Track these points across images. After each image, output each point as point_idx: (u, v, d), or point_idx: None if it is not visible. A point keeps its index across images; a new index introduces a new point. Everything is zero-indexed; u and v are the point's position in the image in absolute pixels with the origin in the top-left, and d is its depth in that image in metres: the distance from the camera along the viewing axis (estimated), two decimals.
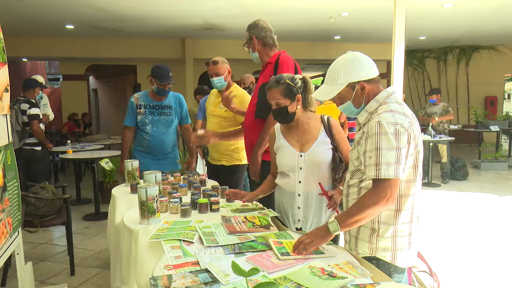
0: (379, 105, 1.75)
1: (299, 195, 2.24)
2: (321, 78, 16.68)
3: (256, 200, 2.42)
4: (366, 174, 1.67)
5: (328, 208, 2.20)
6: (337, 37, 10.30)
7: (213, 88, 4.45)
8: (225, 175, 3.36)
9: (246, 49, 3.02)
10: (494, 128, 8.90)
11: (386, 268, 1.71)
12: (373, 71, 1.77)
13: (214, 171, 3.49)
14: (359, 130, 1.81)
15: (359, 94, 1.77)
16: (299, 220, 2.26)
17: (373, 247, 1.75)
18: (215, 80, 3.34)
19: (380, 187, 1.61)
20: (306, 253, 1.63)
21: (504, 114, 10.86)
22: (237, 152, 3.41)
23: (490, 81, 12.24)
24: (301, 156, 2.22)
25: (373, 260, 1.72)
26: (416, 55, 12.43)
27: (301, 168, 2.22)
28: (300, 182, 2.22)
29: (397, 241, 1.73)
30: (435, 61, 12.54)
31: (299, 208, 2.25)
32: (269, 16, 7.69)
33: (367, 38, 10.14)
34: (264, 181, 2.50)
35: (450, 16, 7.95)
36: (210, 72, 3.36)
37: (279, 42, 2.99)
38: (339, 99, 1.83)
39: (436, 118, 7.29)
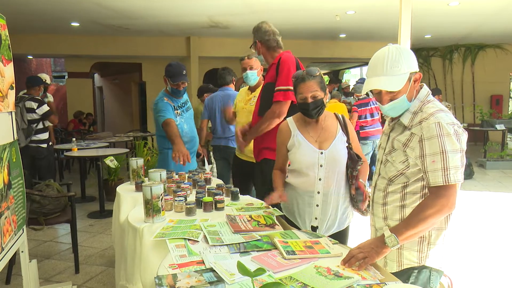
0: (422, 103, 1.63)
1: (318, 192, 2.21)
2: (326, 76, 16.58)
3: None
4: (429, 180, 1.54)
5: (364, 209, 2.21)
6: (342, 35, 10.26)
7: (220, 86, 4.44)
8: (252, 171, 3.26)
9: (254, 51, 3.06)
10: (500, 126, 8.86)
11: (435, 276, 1.63)
12: None
13: (243, 167, 3.44)
14: (402, 132, 1.66)
15: (412, 87, 1.61)
16: (316, 218, 2.24)
17: (422, 255, 1.65)
18: (249, 73, 3.40)
19: (444, 193, 1.51)
20: (360, 269, 1.48)
21: (509, 112, 10.81)
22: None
23: (496, 80, 12.14)
24: (321, 153, 2.20)
25: (418, 269, 1.65)
26: (421, 54, 12.35)
27: (321, 166, 2.19)
28: (320, 179, 2.20)
29: (445, 247, 1.66)
30: (440, 60, 12.47)
31: (317, 206, 2.22)
32: (274, 14, 7.73)
33: (372, 37, 10.09)
34: (274, 178, 2.38)
35: (456, 15, 7.89)
36: (244, 66, 3.41)
37: (284, 40, 2.98)
38: (389, 95, 1.61)
39: None
